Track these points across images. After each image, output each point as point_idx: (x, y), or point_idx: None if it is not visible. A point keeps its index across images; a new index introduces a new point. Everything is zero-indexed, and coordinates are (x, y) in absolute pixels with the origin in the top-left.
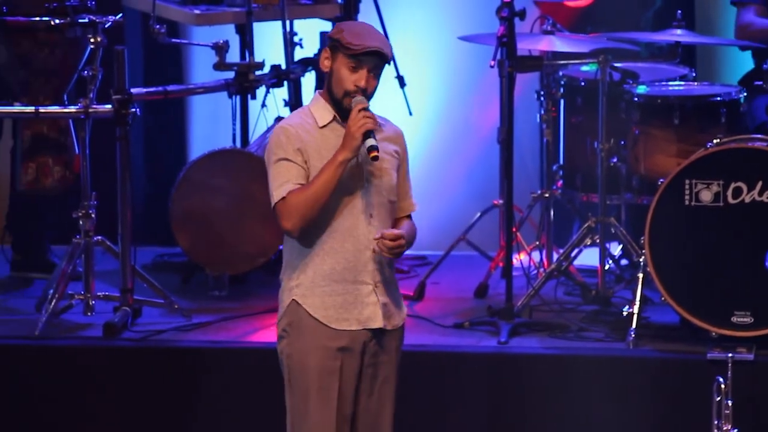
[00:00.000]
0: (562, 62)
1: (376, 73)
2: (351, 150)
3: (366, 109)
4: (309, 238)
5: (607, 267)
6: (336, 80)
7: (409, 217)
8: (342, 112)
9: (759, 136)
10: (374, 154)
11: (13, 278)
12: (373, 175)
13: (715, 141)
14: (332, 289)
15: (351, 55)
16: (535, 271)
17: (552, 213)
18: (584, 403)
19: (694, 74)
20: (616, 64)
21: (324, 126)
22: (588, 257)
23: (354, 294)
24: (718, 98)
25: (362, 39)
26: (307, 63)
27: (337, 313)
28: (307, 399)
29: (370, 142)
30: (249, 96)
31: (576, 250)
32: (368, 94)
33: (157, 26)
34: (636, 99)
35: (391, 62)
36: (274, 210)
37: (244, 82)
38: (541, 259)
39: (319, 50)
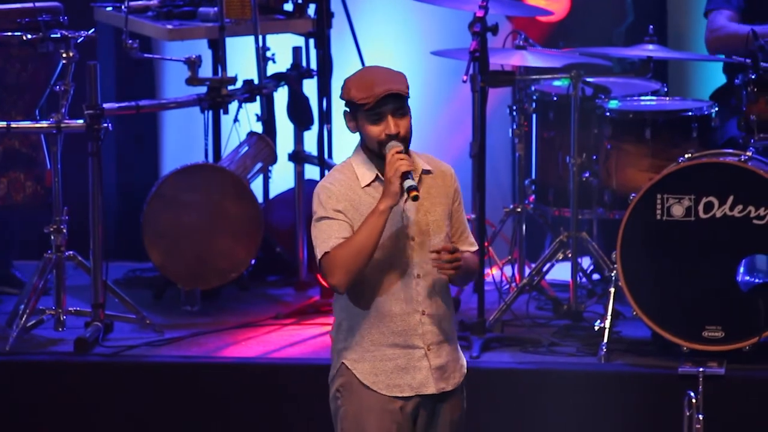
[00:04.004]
0: (535, 77)
1: (400, 113)
2: (391, 196)
3: (400, 152)
4: (357, 298)
5: (578, 281)
6: (367, 137)
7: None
8: (384, 164)
9: (730, 150)
10: (414, 194)
11: None
12: (421, 231)
13: (686, 156)
14: (383, 354)
15: (368, 110)
16: (507, 286)
17: (524, 227)
18: (556, 418)
19: (666, 89)
20: (588, 79)
21: (367, 185)
22: (560, 272)
23: (405, 358)
24: (690, 113)
25: (370, 89)
26: (280, 78)
27: (389, 379)
28: None
29: (408, 183)
30: (221, 111)
31: (548, 265)
32: (402, 136)
33: (130, 41)
34: (608, 114)
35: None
36: (320, 267)
37: (217, 97)
38: (513, 273)
39: (292, 65)
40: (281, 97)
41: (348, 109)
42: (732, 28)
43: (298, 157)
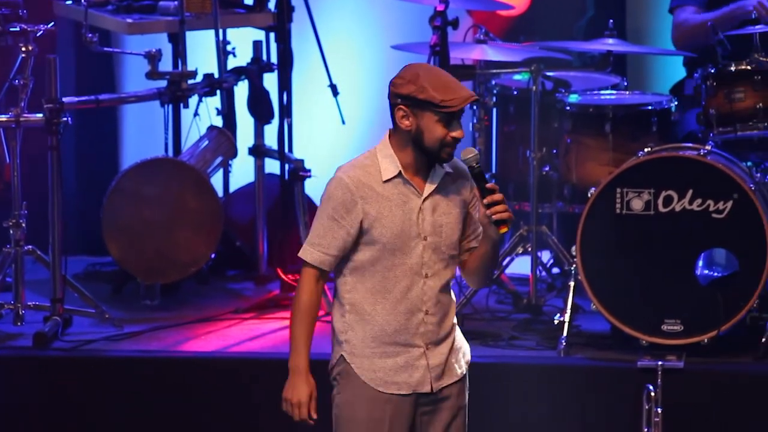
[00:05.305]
0: (495, 71)
1: (460, 118)
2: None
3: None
4: (363, 293)
5: (538, 275)
6: (429, 136)
7: None
8: (433, 158)
9: (689, 144)
10: (504, 230)
11: None
12: (435, 232)
13: (646, 150)
14: (382, 351)
15: (448, 112)
16: None
17: None
18: (516, 411)
19: (625, 83)
20: (549, 73)
21: (387, 180)
22: (520, 266)
23: (404, 357)
24: (650, 107)
25: (455, 91)
26: (240, 72)
27: (387, 376)
28: None
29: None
30: (181, 105)
31: (508, 259)
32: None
33: (90, 35)
34: (568, 108)
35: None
36: (303, 264)
37: (177, 91)
38: None
39: (252, 59)
40: (242, 91)
41: (406, 106)
42: (694, 19)
43: (258, 151)
